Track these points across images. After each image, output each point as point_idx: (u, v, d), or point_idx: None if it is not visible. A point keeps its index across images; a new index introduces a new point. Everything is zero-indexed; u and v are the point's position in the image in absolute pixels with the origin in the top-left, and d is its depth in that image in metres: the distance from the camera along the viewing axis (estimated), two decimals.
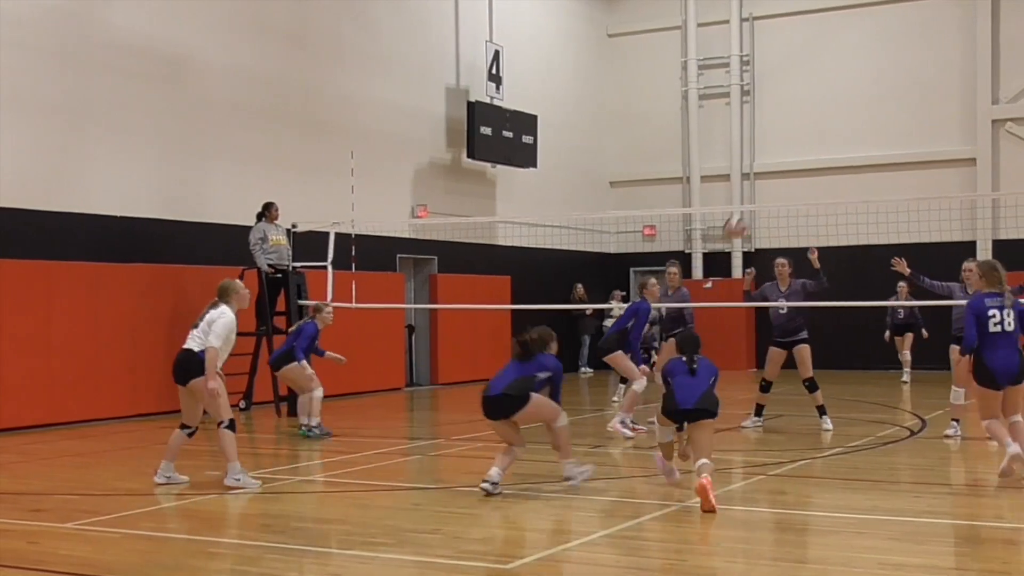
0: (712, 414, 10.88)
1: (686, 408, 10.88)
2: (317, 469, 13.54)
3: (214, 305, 11.89)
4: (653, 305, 16.86)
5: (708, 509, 10.00)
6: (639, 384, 16.01)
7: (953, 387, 14.84)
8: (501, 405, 11.42)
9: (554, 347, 11.92)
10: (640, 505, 10.93)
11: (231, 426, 11.79)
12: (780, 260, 16.94)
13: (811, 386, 16.23)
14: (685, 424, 11.09)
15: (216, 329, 11.64)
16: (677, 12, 31.71)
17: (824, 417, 16.10)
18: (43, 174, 18.08)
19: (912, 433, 15.85)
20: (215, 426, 11.79)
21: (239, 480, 11.62)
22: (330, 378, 20.75)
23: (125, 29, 19.25)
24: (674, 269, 18.18)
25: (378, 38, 24.55)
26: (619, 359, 16.03)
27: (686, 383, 11.06)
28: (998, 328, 11.51)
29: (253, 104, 21.50)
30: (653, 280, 16.90)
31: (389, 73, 24.77)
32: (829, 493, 11.25)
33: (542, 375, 11.58)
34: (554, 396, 11.71)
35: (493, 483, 11.05)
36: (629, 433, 15.62)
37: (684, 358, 11.33)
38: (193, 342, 11.84)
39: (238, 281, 12.50)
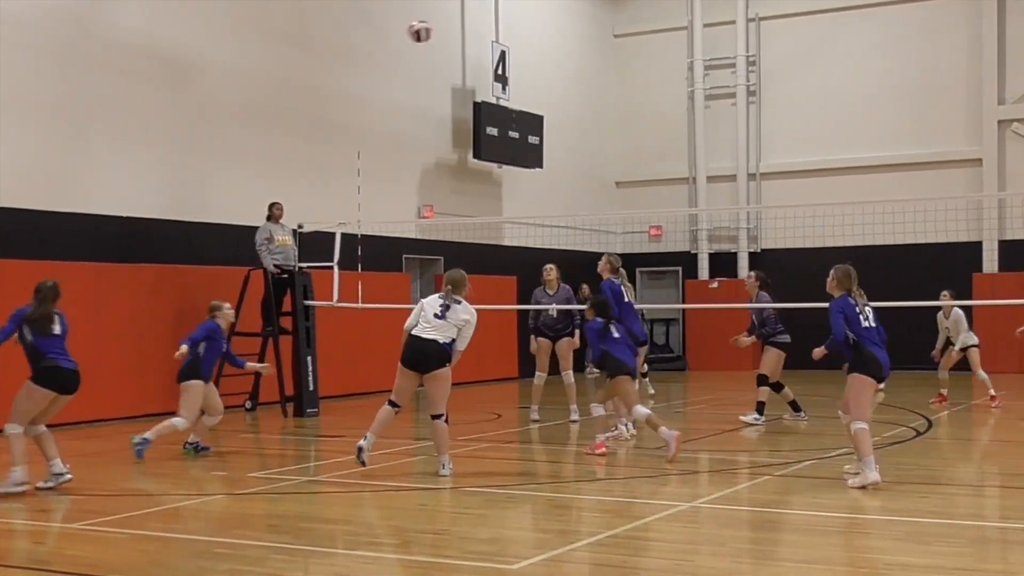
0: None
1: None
2: (323, 469, 13.54)
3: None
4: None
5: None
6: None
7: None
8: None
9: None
10: (646, 506, 10.92)
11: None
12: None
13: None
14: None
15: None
16: (683, 12, 31.70)
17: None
18: (47, 174, 18.09)
19: (918, 434, 15.83)
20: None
21: None
22: (336, 379, 20.79)
23: (130, 29, 19.27)
24: (551, 272, 18.34)
25: (384, 39, 24.54)
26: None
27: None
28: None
29: (258, 104, 21.51)
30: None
31: (395, 74, 24.77)
32: (835, 494, 11.23)
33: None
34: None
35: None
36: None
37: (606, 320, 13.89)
38: None
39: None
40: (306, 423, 18.44)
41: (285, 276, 19.58)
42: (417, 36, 18.28)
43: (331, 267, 19.88)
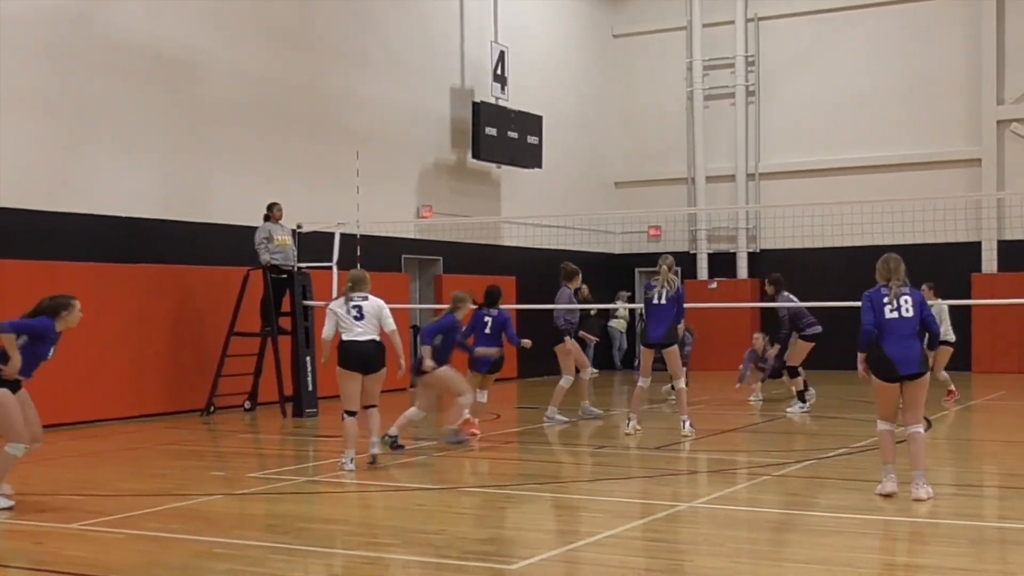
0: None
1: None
2: (322, 469, 13.54)
3: None
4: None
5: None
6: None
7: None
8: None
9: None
10: (645, 506, 10.93)
11: None
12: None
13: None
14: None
15: None
16: (682, 13, 31.69)
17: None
18: (47, 174, 18.09)
19: None
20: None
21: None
22: (335, 379, 20.73)
23: (130, 30, 19.26)
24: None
25: (383, 39, 24.55)
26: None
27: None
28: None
29: (258, 104, 21.50)
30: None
31: (394, 74, 24.78)
32: (834, 493, 11.25)
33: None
34: None
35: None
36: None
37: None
38: None
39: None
40: (305, 423, 18.45)
41: (284, 276, 19.59)
42: None
43: (330, 267, 19.88)
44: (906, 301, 11.04)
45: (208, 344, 19.59)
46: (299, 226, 20.47)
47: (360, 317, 13.11)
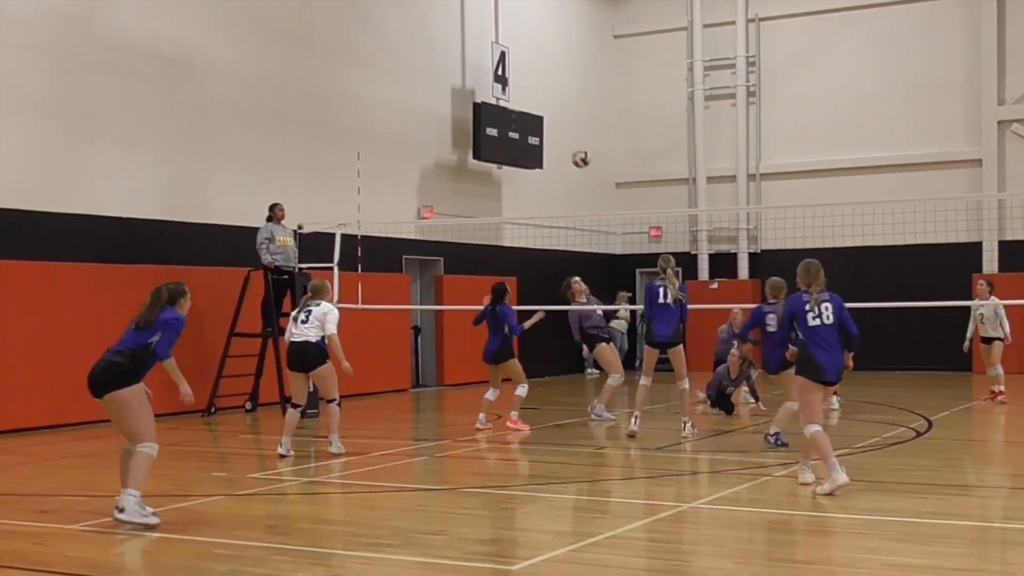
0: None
1: None
2: (322, 470, 13.54)
3: None
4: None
5: None
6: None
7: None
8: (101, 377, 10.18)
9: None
10: (647, 506, 10.92)
11: None
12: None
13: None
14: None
15: None
16: (683, 13, 31.69)
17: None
18: (47, 175, 18.10)
19: (918, 434, 15.83)
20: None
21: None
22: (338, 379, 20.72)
23: (130, 30, 19.27)
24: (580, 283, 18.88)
25: (384, 39, 24.55)
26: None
27: None
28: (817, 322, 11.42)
29: (258, 105, 21.51)
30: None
31: (395, 74, 24.78)
32: (835, 495, 11.23)
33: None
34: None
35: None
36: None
37: None
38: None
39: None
40: (306, 424, 18.42)
41: (285, 277, 19.58)
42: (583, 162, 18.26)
43: (331, 268, 19.89)
44: (827, 308, 11.42)
45: (209, 345, 19.58)
46: (300, 227, 20.47)
47: (305, 321, 14.24)
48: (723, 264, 31.22)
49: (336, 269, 19.82)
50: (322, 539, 9.36)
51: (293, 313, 14.58)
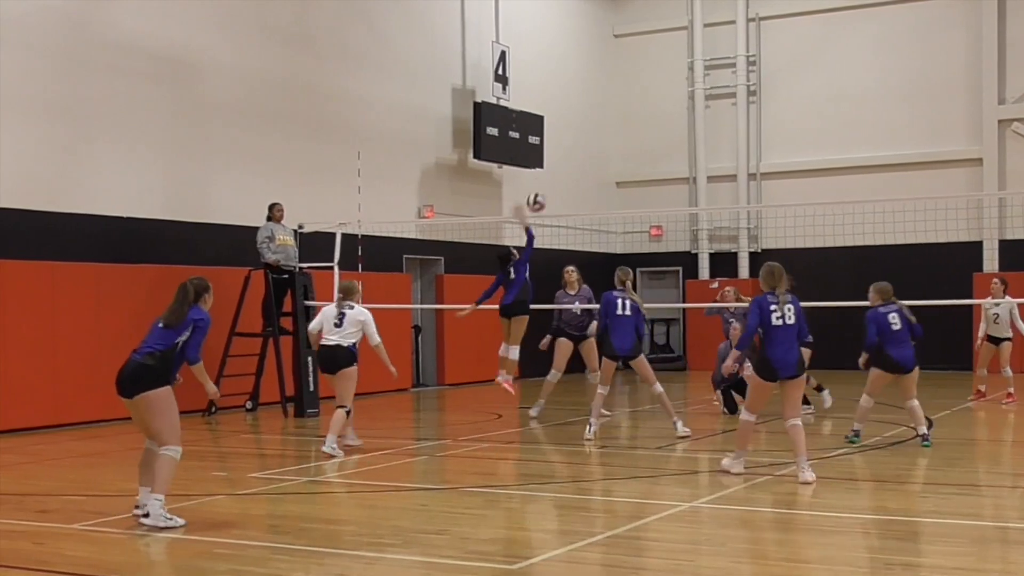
0: None
1: None
2: (324, 470, 13.55)
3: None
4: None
5: None
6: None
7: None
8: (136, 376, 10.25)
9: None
10: (646, 506, 10.93)
11: None
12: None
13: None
14: None
15: None
16: (683, 12, 31.68)
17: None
18: (48, 175, 18.10)
19: (919, 434, 15.81)
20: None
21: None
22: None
23: (130, 30, 19.27)
24: (572, 274, 19.18)
25: (384, 39, 24.54)
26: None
27: None
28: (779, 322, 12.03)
29: (259, 105, 21.51)
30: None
31: (395, 74, 24.77)
32: (835, 493, 11.24)
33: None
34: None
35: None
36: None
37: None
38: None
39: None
40: (306, 423, 18.45)
41: (286, 276, 19.59)
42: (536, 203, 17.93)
43: (331, 267, 19.89)
44: (790, 309, 12.04)
45: (209, 344, 19.40)
46: (300, 226, 20.48)
47: (339, 325, 14.60)
48: (724, 263, 31.21)
49: (336, 268, 19.82)
50: (323, 539, 9.36)
51: (328, 313, 14.81)
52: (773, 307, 11.98)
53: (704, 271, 31.25)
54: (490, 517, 10.37)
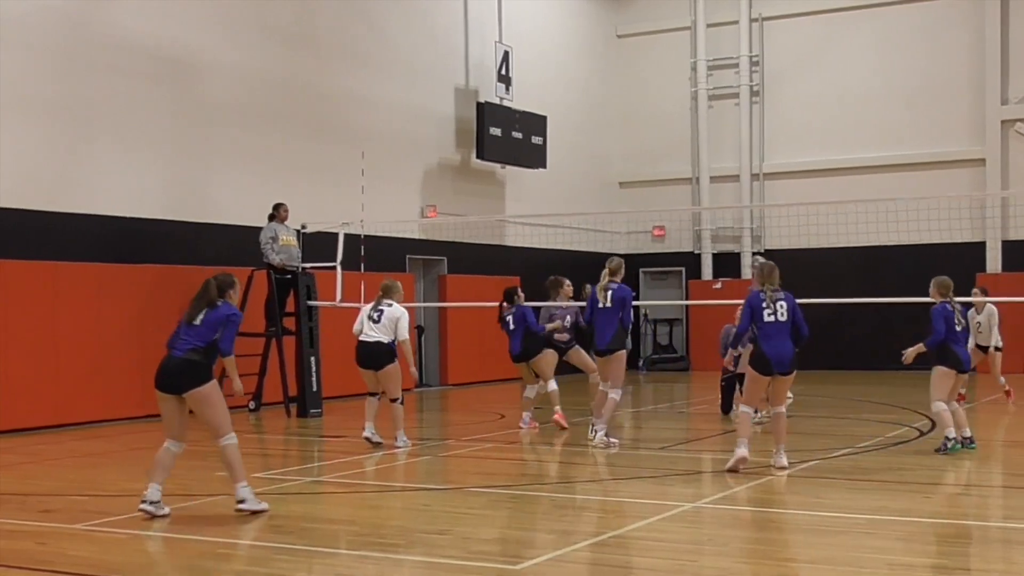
0: None
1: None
2: (326, 470, 13.54)
3: None
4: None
5: None
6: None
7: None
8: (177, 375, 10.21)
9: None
10: (648, 506, 10.92)
11: None
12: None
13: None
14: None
15: None
16: (686, 13, 31.68)
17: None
18: (49, 175, 18.11)
19: (921, 434, 15.82)
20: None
21: None
22: (339, 379, 20.75)
23: (131, 30, 19.28)
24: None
25: (387, 39, 24.55)
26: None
27: None
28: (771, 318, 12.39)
29: (261, 105, 21.51)
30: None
31: (398, 74, 24.77)
32: (837, 493, 11.24)
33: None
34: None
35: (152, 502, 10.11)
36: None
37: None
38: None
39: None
40: (309, 423, 18.45)
41: (288, 276, 19.59)
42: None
43: (334, 267, 19.89)
44: (781, 306, 12.38)
45: None
46: (303, 226, 20.47)
47: (377, 321, 14.76)
48: (727, 264, 31.19)
49: (339, 268, 19.82)
50: (326, 539, 9.36)
51: (367, 311, 14.95)
52: (764, 304, 12.34)
53: (707, 271, 31.25)
54: (492, 517, 10.36)
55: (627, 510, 10.79)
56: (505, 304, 17.07)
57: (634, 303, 15.40)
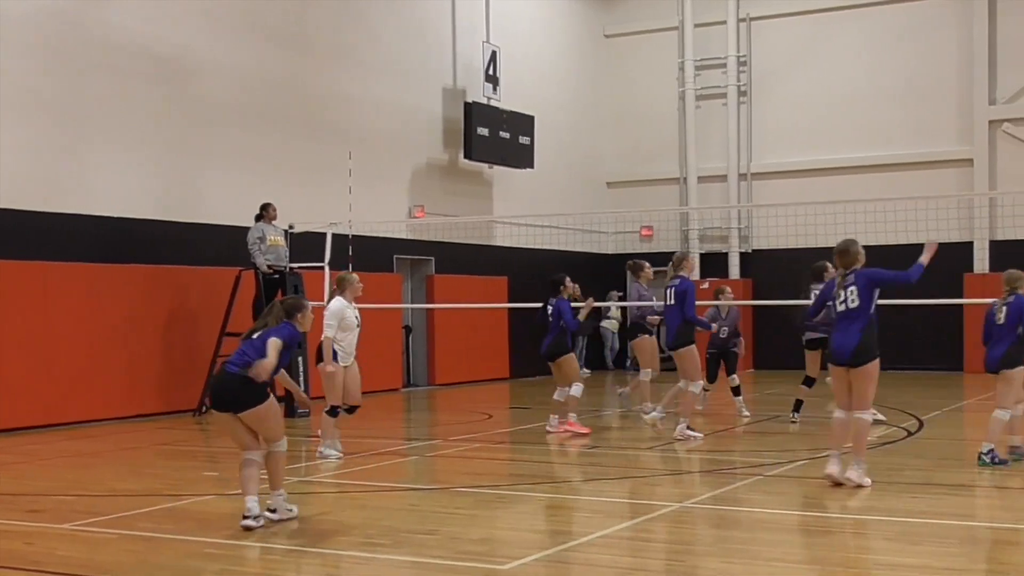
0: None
1: None
2: (315, 470, 13.53)
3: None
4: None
5: None
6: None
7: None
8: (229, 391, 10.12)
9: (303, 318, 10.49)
10: (638, 506, 10.93)
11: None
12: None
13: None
14: None
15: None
16: (674, 12, 31.69)
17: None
18: (42, 175, 18.07)
19: (909, 434, 15.86)
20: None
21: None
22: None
23: (124, 30, 19.24)
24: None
25: (375, 39, 24.53)
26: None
27: None
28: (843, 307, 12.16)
29: (251, 105, 21.48)
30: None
31: (386, 74, 24.75)
32: (826, 493, 11.25)
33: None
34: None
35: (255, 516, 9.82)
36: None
37: None
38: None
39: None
40: (297, 424, 18.41)
41: (276, 276, 19.56)
42: None
43: (322, 267, 19.87)
44: (852, 291, 12.56)
45: (201, 344, 19.56)
46: (291, 226, 20.45)
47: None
48: (714, 264, 31.21)
49: (327, 268, 19.80)
50: (314, 539, 9.35)
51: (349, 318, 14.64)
52: (835, 291, 12.55)
53: (695, 271, 31.20)
54: (480, 517, 10.37)
55: (615, 510, 10.81)
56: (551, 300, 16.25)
57: (622, 303, 15.54)
